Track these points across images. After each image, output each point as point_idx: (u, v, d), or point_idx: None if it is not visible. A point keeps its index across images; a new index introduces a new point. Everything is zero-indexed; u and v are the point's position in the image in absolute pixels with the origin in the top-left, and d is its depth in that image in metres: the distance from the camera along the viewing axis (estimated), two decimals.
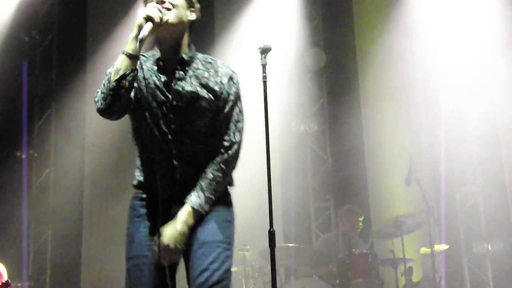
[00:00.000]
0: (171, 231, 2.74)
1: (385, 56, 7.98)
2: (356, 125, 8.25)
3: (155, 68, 2.93)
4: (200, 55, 3.00)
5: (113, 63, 2.77)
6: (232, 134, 2.91)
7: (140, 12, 2.79)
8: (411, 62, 7.76)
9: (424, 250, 6.66)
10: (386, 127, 7.95)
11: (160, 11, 2.79)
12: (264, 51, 3.33)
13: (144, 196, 2.95)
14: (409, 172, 6.39)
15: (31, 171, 8.87)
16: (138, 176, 3.00)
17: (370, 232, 7.47)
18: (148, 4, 2.84)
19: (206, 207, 2.80)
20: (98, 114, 2.81)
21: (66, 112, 8.69)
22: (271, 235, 3.15)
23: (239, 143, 2.93)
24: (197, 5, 3.03)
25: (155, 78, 2.90)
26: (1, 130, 8.39)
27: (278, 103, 7.88)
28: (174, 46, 2.94)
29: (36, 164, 9.04)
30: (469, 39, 7.57)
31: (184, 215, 2.78)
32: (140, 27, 2.73)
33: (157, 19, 2.75)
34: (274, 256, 3.10)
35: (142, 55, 2.91)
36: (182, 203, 2.81)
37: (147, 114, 2.88)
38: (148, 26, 2.73)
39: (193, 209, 2.78)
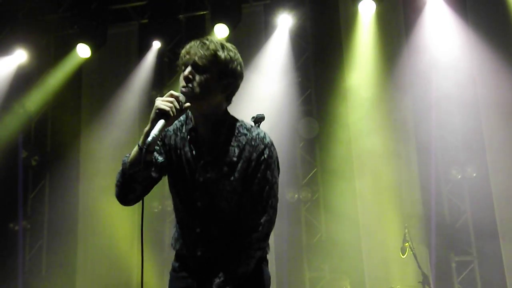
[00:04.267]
0: None
1: (377, 125, 8.06)
2: (350, 193, 8.22)
3: (189, 137, 2.73)
4: (237, 124, 2.77)
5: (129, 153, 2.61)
6: (260, 214, 2.66)
7: (156, 101, 2.50)
8: (403, 129, 7.87)
9: None
10: (380, 195, 7.93)
11: (178, 100, 2.51)
12: (258, 120, 3.34)
13: (177, 265, 2.84)
14: (404, 241, 6.36)
15: (24, 243, 8.79)
16: (174, 240, 2.88)
17: None
18: (167, 94, 2.52)
19: None
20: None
21: (59, 184, 8.67)
22: None
23: (269, 221, 2.68)
24: (238, 71, 2.74)
25: (187, 149, 2.71)
26: None
27: None
28: (205, 119, 2.72)
29: (30, 235, 8.97)
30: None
31: None
32: (154, 122, 2.46)
33: (172, 112, 2.47)
34: None
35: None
36: (205, 279, 2.69)
37: (177, 185, 2.76)
38: (160, 124, 2.44)
39: None
